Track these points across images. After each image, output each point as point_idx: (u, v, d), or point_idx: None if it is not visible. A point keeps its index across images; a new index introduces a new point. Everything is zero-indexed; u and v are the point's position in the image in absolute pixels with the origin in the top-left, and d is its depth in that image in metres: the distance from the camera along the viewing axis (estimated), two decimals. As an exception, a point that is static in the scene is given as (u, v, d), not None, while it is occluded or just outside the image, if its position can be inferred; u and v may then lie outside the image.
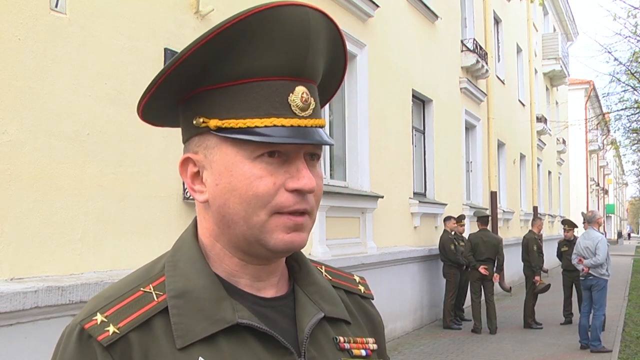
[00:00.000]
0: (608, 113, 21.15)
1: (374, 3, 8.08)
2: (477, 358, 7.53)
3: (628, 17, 15.95)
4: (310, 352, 0.85)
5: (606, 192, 55.22)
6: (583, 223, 8.94)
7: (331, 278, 0.99)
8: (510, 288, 12.46)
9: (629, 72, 17.22)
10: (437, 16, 10.69)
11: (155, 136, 4.48)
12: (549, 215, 22.33)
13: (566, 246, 9.78)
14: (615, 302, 11.97)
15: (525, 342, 8.49)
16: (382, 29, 8.63)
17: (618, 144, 30.06)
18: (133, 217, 4.32)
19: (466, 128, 12.81)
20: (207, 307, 0.81)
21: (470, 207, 12.18)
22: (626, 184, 72.34)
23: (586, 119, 26.12)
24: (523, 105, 18.34)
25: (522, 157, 18.18)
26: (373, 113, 8.15)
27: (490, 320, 9.22)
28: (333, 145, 4.77)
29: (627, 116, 19.52)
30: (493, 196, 13.82)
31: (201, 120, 0.83)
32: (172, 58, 0.81)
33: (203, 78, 0.83)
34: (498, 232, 12.91)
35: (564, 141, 25.75)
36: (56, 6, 3.83)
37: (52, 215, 3.75)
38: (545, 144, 21.41)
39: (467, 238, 9.75)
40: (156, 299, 0.81)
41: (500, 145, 15.31)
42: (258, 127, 0.80)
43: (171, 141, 4.55)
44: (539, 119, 19.93)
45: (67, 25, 3.92)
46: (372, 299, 1.04)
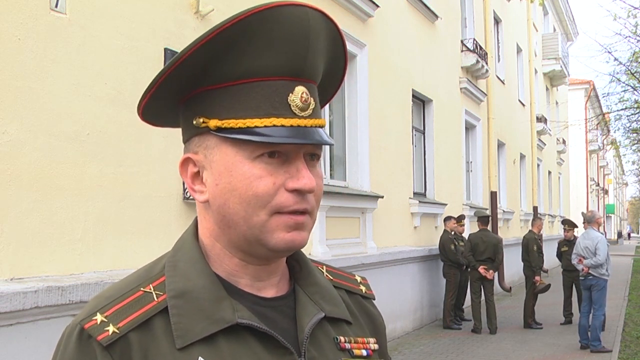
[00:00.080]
0: (608, 113, 21.16)
1: (374, 3, 8.08)
2: (477, 358, 7.53)
3: (628, 17, 16.00)
4: (310, 352, 0.85)
5: (606, 192, 55.21)
6: (583, 223, 8.93)
7: (332, 278, 0.99)
8: (510, 288, 12.44)
9: (629, 72, 17.22)
10: (437, 16, 10.69)
11: (155, 136, 4.48)
12: (549, 215, 22.32)
13: (566, 246, 9.78)
14: (615, 302, 11.96)
15: (525, 342, 8.48)
16: (382, 29, 8.62)
17: (618, 144, 30.06)
18: (133, 217, 4.32)
19: (466, 128, 12.80)
20: (207, 307, 0.81)
21: (470, 207, 12.17)
22: (626, 184, 72.32)
23: (586, 119, 26.12)
24: (523, 105, 18.33)
25: (522, 157, 18.18)
26: (373, 113, 8.15)
27: (490, 320, 9.21)
28: (333, 145, 4.77)
29: (627, 116, 19.55)
30: (493, 196, 13.81)
31: (201, 120, 0.83)
32: (172, 58, 0.81)
33: (203, 78, 0.83)
34: (498, 232, 12.90)
35: (564, 141, 25.75)
36: (56, 6, 3.83)
37: (52, 215, 3.75)
38: (545, 144, 21.40)
39: (467, 238, 9.75)
40: (156, 299, 0.81)
41: (500, 145, 15.30)
42: (258, 127, 0.80)
43: (171, 141, 4.55)
44: (539, 119, 19.92)
45: (67, 25, 3.92)
46: (374, 299, 1.04)
